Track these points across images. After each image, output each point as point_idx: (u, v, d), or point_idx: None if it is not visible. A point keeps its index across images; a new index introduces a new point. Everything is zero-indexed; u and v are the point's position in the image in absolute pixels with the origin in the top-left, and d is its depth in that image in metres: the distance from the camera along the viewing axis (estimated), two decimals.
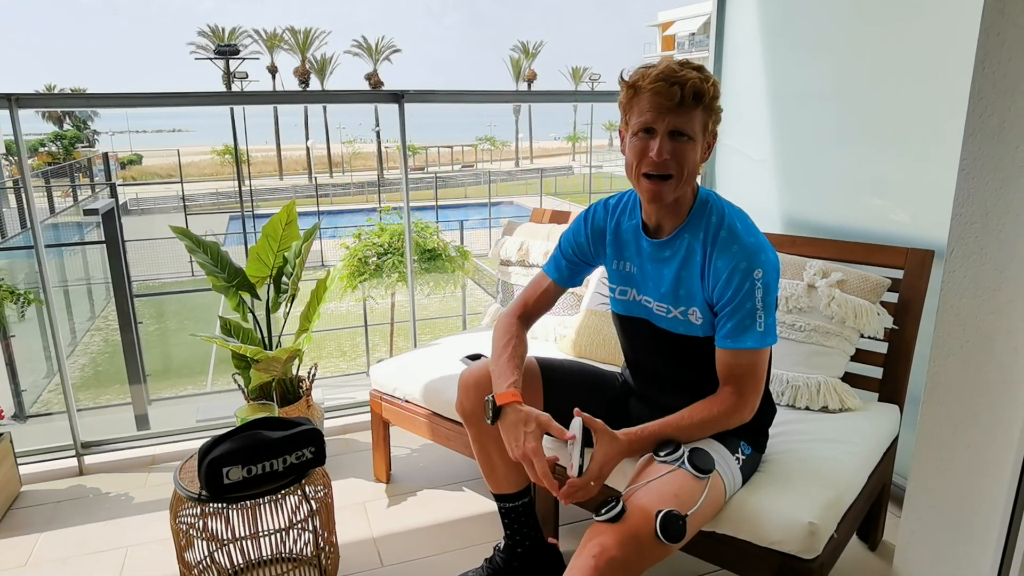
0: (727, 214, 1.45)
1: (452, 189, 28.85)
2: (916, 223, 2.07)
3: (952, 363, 1.26)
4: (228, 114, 16.36)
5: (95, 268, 11.84)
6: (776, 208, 2.53)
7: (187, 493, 1.56)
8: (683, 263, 1.46)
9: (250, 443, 1.55)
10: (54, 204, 13.92)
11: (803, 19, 2.40)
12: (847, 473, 1.56)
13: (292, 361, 2.36)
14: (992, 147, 1.18)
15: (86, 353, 11.26)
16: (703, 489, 1.39)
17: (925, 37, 1.98)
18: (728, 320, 1.41)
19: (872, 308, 1.86)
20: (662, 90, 1.32)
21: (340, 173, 36.45)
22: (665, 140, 1.35)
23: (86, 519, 2.15)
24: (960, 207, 1.23)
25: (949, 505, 1.31)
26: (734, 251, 1.39)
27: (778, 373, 1.91)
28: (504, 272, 2.63)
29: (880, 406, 1.89)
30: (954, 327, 1.25)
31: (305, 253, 2.43)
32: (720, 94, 1.39)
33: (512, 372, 1.51)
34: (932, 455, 1.32)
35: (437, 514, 2.19)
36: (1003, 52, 1.17)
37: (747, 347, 1.40)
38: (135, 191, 26.24)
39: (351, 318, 12.06)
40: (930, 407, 1.29)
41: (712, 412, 1.43)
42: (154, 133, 63.02)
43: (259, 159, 39.31)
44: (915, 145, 2.05)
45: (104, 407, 8.78)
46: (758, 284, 1.38)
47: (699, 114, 1.35)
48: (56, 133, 33.14)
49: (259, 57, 39.76)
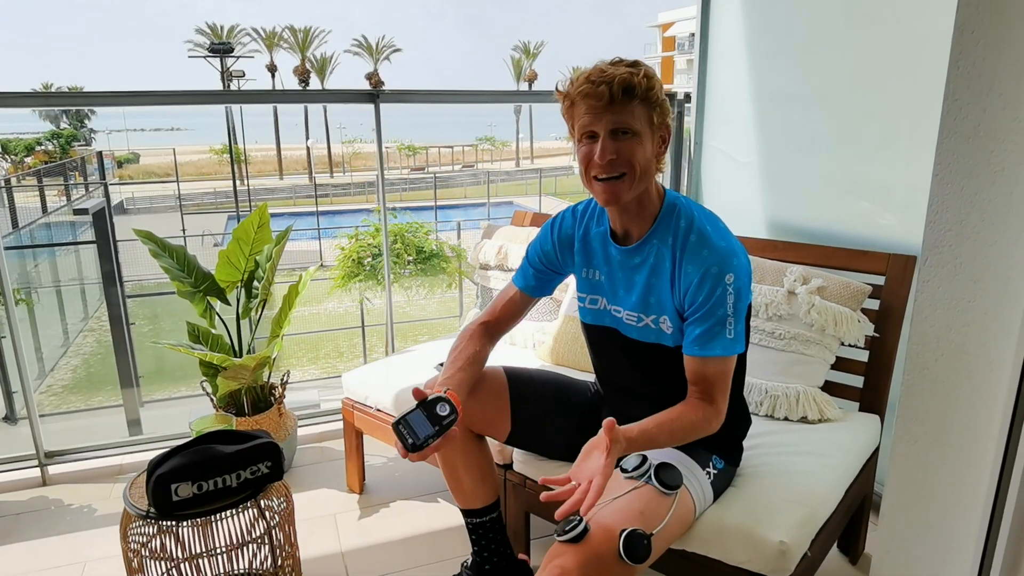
0: (696, 217, 1.39)
1: (452, 189, 28.79)
2: (903, 227, 2.01)
3: (926, 377, 1.20)
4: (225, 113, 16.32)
5: (89, 268, 11.77)
6: (760, 211, 2.47)
7: (136, 510, 1.50)
8: (652, 270, 1.41)
9: (201, 458, 1.49)
10: (47, 203, 13.84)
11: (787, 22, 2.35)
12: (823, 488, 1.51)
13: (262, 368, 2.30)
14: (967, 151, 1.12)
15: (78, 354, 11.19)
16: (670, 506, 1.33)
17: (909, 38, 1.92)
18: (697, 326, 1.35)
19: (853, 315, 1.80)
20: (590, 92, 1.29)
21: (341, 173, 36.37)
22: (607, 140, 1.31)
23: (45, 532, 2.09)
24: (934, 214, 1.17)
25: (924, 526, 1.25)
26: (704, 256, 1.34)
27: (757, 383, 1.85)
28: (483, 276, 2.58)
29: (860, 416, 1.83)
30: (928, 339, 1.19)
31: (276, 257, 2.37)
32: (658, 86, 1.33)
33: (448, 370, 1.46)
34: (905, 473, 1.26)
35: (410, 526, 2.13)
36: (978, 50, 1.11)
37: (716, 355, 1.34)
38: (131, 190, 26.18)
39: (348, 318, 12.02)
40: (904, 423, 1.23)
41: (685, 418, 1.34)
42: (152, 131, 62.91)
43: (259, 158, 39.24)
44: (900, 147, 2.00)
45: (96, 409, 8.73)
46: (730, 290, 1.32)
47: (638, 108, 1.31)
48: (52, 132, 33.07)
49: (254, 56, 39.70)
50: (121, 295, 5.79)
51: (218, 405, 2.36)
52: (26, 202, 14.38)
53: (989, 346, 1.12)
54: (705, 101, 2.77)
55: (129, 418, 5.09)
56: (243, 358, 2.23)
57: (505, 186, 30.75)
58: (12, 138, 31.76)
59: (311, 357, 11.89)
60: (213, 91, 2.59)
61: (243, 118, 29.39)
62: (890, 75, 1.99)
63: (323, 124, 39.63)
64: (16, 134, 32.92)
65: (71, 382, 10.36)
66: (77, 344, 11.45)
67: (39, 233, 12.70)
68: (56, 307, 10.72)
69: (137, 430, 4.99)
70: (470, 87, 50.40)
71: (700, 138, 2.80)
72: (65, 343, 10.88)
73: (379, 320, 6.77)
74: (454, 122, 42.46)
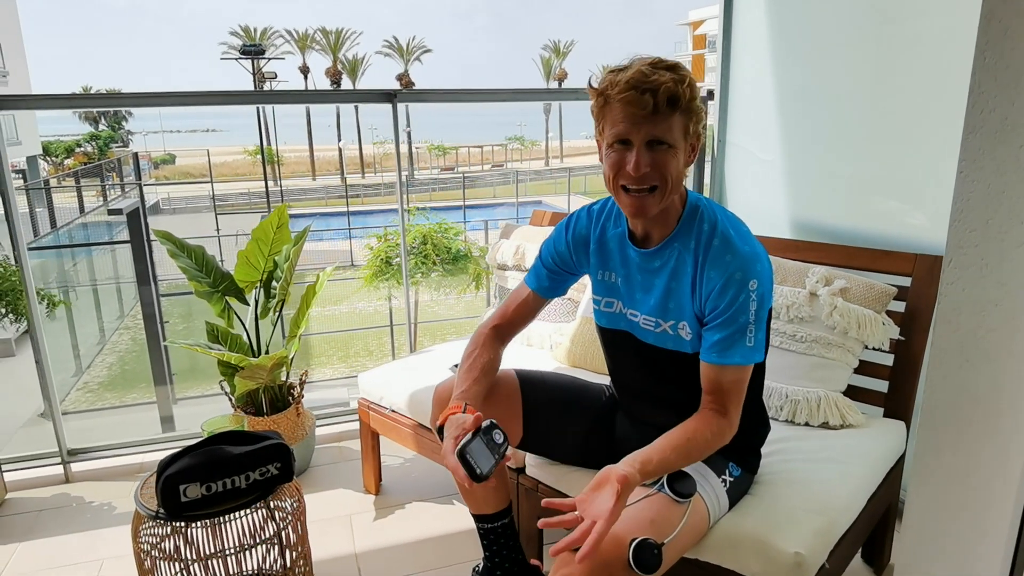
0: (719, 221, 1.33)
1: (481, 189, 28.83)
2: (933, 226, 1.94)
3: (949, 384, 1.14)
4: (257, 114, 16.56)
5: (125, 267, 12.01)
6: (784, 210, 2.41)
7: (146, 511, 1.50)
8: (673, 274, 1.36)
9: (209, 459, 1.49)
10: (84, 204, 14.17)
11: (811, 16, 2.28)
12: (842, 497, 1.45)
13: (279, 368, 2.30)
14: (993, 147, 1.06)
15: (114, 351, 11.43)
16: (683, 514, 1.30)
17: (939, 31, 1.85)
18: (717, 332, 1.30)
19: (877, 318, 1.74)
20: (633, 99, 1.21)
21: (372, 173, 36.67)
22: (643, 152, 1.24)
23: (66, 529, 2.12)
24: (958, 213, 1.11)
25: (948, 539, 1.19)
26: (728, 260, 1.29)
27: (777, 387, 1.80)
28: (501, 277, 2.55)
29: (885, 422, 1.77)
30: (951, 345, 1.13)
31: (294, 257, 2.37)
32: (698, 93, 1.27)
33: (464, 382, 1.44)
34: (928, 484, 1.20)
35: (424, 529, 2.12)
36: (1006, 41, 1.05)
37: (734, 363, 1.30)
38: (167, 191, 26.67)
39: (378, 317, 12.10)
40: (926, 432, 1.18)
41: (700, 436, 1.29)
42: (188, 133, 64.03)
43: (292, 159, 39.75)
44: (929, 143, 1.92)
45: (131, 406, 8.91)
46: (753, 296, 1.28)
47: (677, 119, 1.24)
48: (91, 133, 33.86)
49: (285, 58, 40.17)
50: (155, 293, 5.89)
51: (236, 405, 2.37)
52: (65, 202, 14.76)
53: (1017, 353, 1.06)
54: (728, 98, 2.71)
55: (162, 415, 5.18)
56: (260, 358, 2.23)
57: (534, 185, 30.71)
58: (53, 140, 32.62)
59: (341, 355, 11.99)
60: (233, 91, 2.59)
61: (275, 120, 29.78)
62: (918, 69, 1.92)
63: (355, 125, 39.98)
64: (57, 136, 33.81)
65: (106, 379, 10.59)
66: (113, 342, 11.70)
67: (77, 233, 13.02)
68: (93, 305, 10.96)
69: (170, 427, 5.07)
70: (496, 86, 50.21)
71: (724, 135, 2.74)
72: (101, 341, 11.12)
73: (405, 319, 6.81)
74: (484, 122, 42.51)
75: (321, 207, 25.76)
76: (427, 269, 6.56)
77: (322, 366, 11.24)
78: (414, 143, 33.70)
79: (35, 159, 27.22)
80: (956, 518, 1.17)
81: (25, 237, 2.29)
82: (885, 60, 2.01)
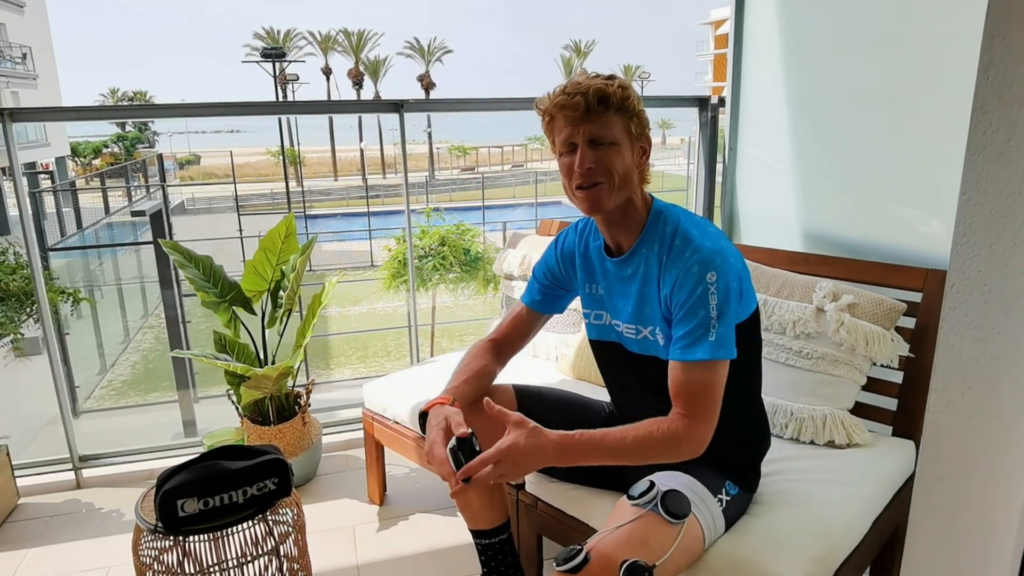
0: (681, 222, 1.36)
1: (500, 189, 28.85)
2: (948, 235, 1.88)
3: (951, 411, 1.11)
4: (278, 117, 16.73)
5: (149, 266, 12.18)
6: (795, 220, 2.37)
7: (145, 524, 1.51)
8: (644, 280, 1.38)
9: (207, 474, 1.49)
10: (109, 205, 14.39)
11: (823, 18, 2.23)
12: (846, 520, 1.42)
13: (285, 378, 2.31)
14: (997, 168, 1.03)
15: (138, 350, 11.58)
16: (675, 536, 1.27)
17: (958, 31, 1.78)
18: (679, 328, 1.30)
19: (885, 334, 1.70)
20: (566, 103, 1.30)
21: (393, 174, 36.84)
22: (586, 150, 1.31)
23: (74, 536, 2.15)
24: (961, 236, 1.08)
25: (950, 569, 1.16)
26: (686, 257, 1.30)
27: (782, 404, 1.77)
28: (508, 287, 2.54)
29: (893, 441, 1.73)
30: (954, 371, 1.10)
31: (301, 268, 2.38)
32: (633, 96, 1.33)
33: (454, 380, 1.47)
34: (929, 512, 1.17)
35: (427, 541, 2.11)
36: (1010, 57, 1.02)
37: (697, 359, 1.27)
38: (191, 191, 27.01)
39: (396, 318, 12.15)
40: (927, 458, 1.15)
41: (655, 431, 1.27)
42: (212, 133, 64.85)
43: (314, 160, 40.03)
44: (946, 150, 1.85)
45: (153, 404, 9.03)
46: (711, 288, 1.26)
47: (614, 119, 1.31)
48: (118, 135, 34.41)
49: (306, 60, 40.44)
50: (178, 294, 5.96)
51: (243, 414, 2.38)
52: (93, 203, 15.01)
53: (1021, 381, 1.03)
54: (740, 104, 2.67)
55: (184, 419, 5.26)
56: (265, 368, 2.24)
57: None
58: (81, 141, 33.19)
59: (360, 355, 12.05)
60: (246, 102, 2.62)
61: (298, 121, 30.01)
62: (937, 72, 1.85)
63: (376, 126, 40.17)
64: (85, 137, 34.39)
65: (130, 377, 10.73)
66: (137, 340, 11.86)
67: (103, 233, 13.23)
68: (118, 304, 11.13)
69: (192, 431, 5.15)
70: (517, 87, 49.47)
71: (735, 143, 2.70)
72: (125, 339, 11.28)
73: (424, 320, 6.84)
74: (504, 122, 42.48)
75: (343, 207, 25.94)
76: (444, 271, 6.58)
77: (341, 366, 11.32)
78: (435, 144, 33.78)
79: (63, 160, 27.75)
80: (958, 545, 1.14)
81: (47, 238, 2.33)
82: (902, 62, 1.95)
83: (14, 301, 3.00)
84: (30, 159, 22.65)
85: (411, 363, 2.57)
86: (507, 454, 1.24)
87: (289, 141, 19.47)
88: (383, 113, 2.55)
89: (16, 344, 3.27)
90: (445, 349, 11.41)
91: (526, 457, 1.25)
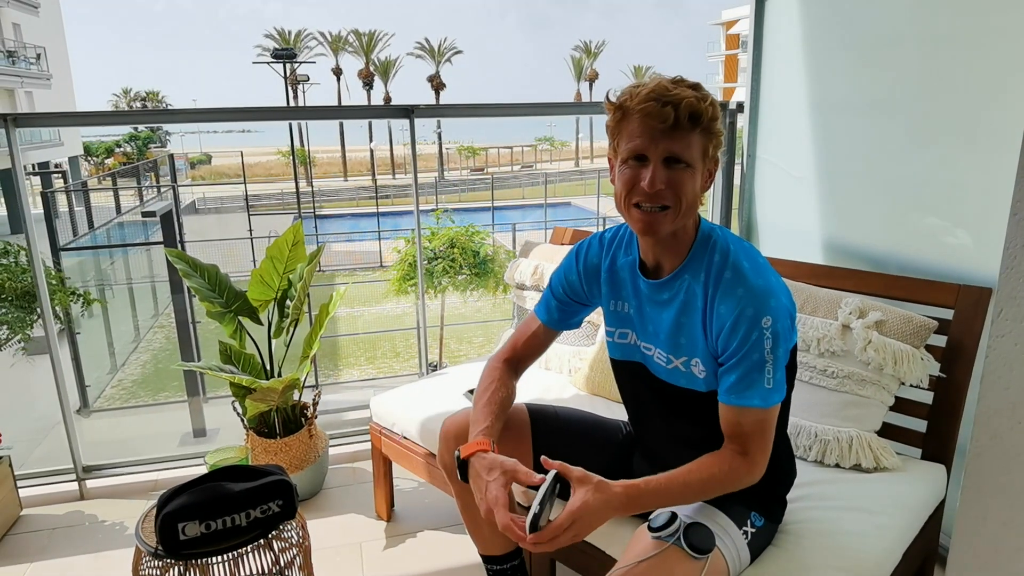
0: (732, 251, 1.25)
1: (510, 190, 28.80)
2: (977, 248, 1.80)
3: (998, 446, 1.04)
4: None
5: (159, 266, 12.19)
6: (816, 232, 2.29)
7: (145, 547, 1.46)
8: (683, 308, 1.28)
9: (209, 497, 1.44)
10: (120, 204, 14.43)
11: (850, 18, 2.15)
12: (874, 553, 1.36)
13: (290, 391, 2.25)
14: None
15: (148, 350, 11.60)
16: (699, 571, 1.21)
17: (1000, 29, 1.70)
18: (732, 373, 1.22)
19: (915, 353, 1.63)
20: (653, 111, 1.15)
21: (403, 174, 36.86)
22: (659, 168, 1.18)
23: (77, 550, 2.10)
24: (1011, 259, 1.01)
25: None
26: (739, 295, 1.21)
27: (805, 425, 1.70)
28: (519, 296, 2.48)
29: (923, 465, 1.65)
30: (1001, 404, 1.03)
31: (308, 277, 2.33)
32: (720, 115, 1.21)
33: (485, 418, 1.37)
34: (973, 553, 1.10)
35: (436, 559, 2.05)
36: None
37: (752, 405, 1.21)
38: (203, 191, 27.10)
39: (406, 319, 12.11)
40: (971, 495, 1.08)
41: (717, 471, 1.23)
42: (224, 133, 65.10)
43: (324, 160, 40.12)
44: (975, 152, 1.77)
45: (162, 404, 9.03)
46: (767, 334, 1.19)
47: (696, 138, 1.18)
48: (131, 134, 34.59)
49: (316, 61, 40.52)
50: (188, 296, 5.93)
51: (248, 426, 2.33)
52: (105, 202, 15.05)
53: None
54: (759, 110, 2.60)
55: (195, 424, 5.24)
56: (271, 381, 2.19)
57: (564, 186, 30.57)
58: (95, 141, 33.37)
59: (368, 356, 12.02)
60: (256, 107, 2.60)
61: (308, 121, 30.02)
62: (964, 76, 1.78)
63: (386, 126, 40.19)
64: (98, 137, 34.58)
65: (140, 377, 10.74)
66: (147, 340, 11.88)
67: (114, 232, 13.26)
68: (129, 304, 11.15)
69: (201, 434, 5.14)
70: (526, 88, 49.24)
71: (753, 150, 2.63)
72: (136, 339, 11.30)
73: (433, 322, 6.79)
74: (514, 123, 42.41)
75: (352, 207, 25.97)
76: (454, 273, 6.52)
77: (349, 367, 11.29)
78: (444, 144, 33.76)
79: (76, 159, 27.90)
80: None
81: (60, 238, 2.31)
82: (932, 64, 1.86)
83: (24, 301, 2.98)
84: (44, 158, 22.79)
85: (420, 370, 2.51)
86: (579, 515, 1.16)
87: (300, 141, 19.43)
88: (394, 118, 2.49)
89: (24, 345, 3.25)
90: (454, 351, 11.36)
91: (596, 514, 1.18)
